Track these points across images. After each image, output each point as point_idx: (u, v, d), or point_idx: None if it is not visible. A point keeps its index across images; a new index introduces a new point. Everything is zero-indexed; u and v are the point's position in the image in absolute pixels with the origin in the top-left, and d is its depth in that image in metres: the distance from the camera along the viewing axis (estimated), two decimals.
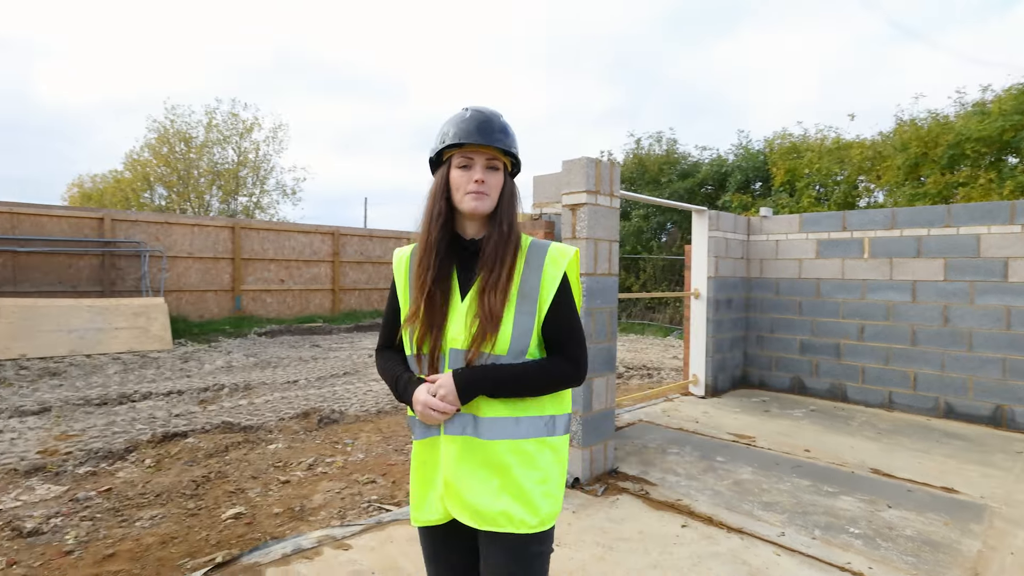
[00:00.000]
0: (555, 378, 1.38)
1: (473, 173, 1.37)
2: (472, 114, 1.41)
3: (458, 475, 1.36)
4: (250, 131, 25.28)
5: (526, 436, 1.38)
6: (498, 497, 1.34)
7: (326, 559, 2.69)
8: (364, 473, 4.32)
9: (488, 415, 1.36)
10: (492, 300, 1.33)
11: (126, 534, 3.30)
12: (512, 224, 1.41)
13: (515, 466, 1.35)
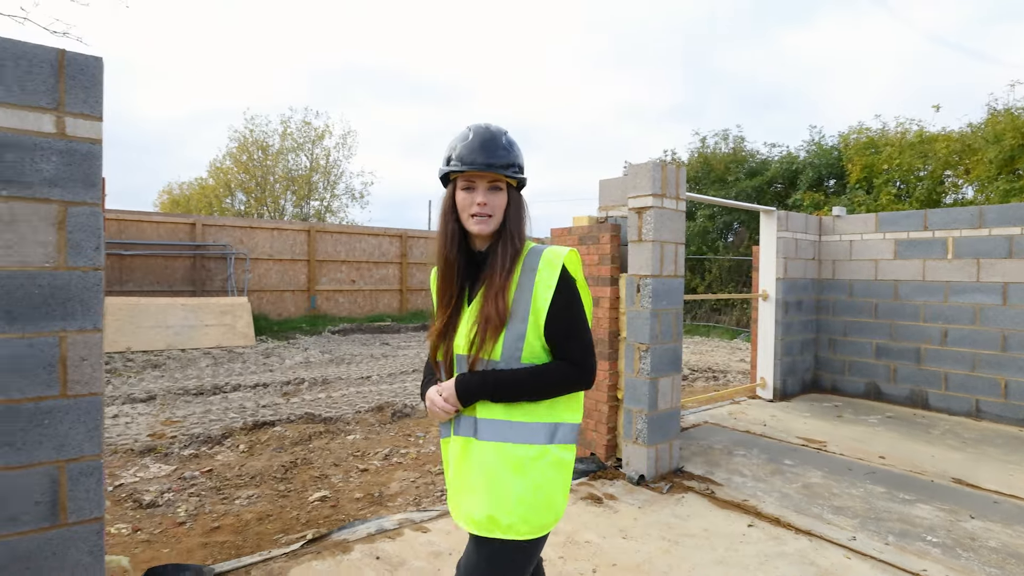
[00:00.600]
0: (555, 381, 1.36)
1: (476, 196, 1.40)
2: (474, 135, 1.42)
3: (458, 476, 1.41)
4: (321, 138, 26.53)
5: (522, 441, 1.36)
6: (486, 501, 1.34)
7: (407, 539, 2.91)
8: (436, 464, 4.55)
9: (486, 417, 1.37)
10: (489, 308, 1.35)
11: (228, 510, 3.66)
12: (520, 236, 1.44)
13: (505, 471, 1.34)
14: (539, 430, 1.37)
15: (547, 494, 1.36)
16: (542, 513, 1.35)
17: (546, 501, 1.36)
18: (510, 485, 1.33)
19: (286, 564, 2.63)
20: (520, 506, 1.33)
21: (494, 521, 1.33)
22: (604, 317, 4.16)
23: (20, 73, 1.87)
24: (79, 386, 1.98)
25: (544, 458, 1.36)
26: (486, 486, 1.35)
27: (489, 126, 1.46)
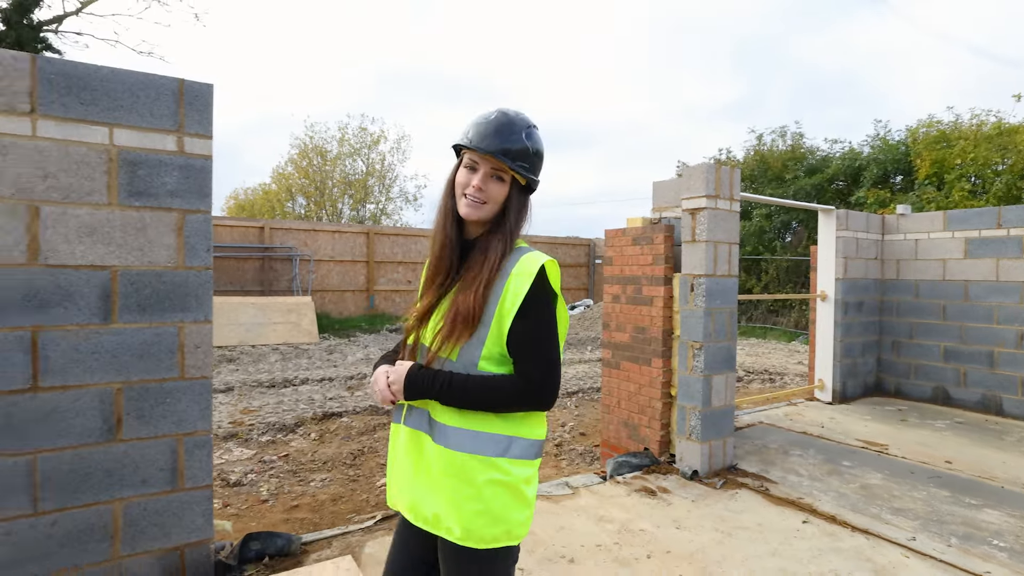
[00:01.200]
0: (506, 397, 1.26)
1: (475, 178, 1.31)
2: (496, 117, 1.34)
3: (405, 467, 1.36)
4: (377, 143, 27.41)
5: (472, 452, 1.27)
6: (432, 499, 1.29)
7: None
8: None
9: (441, 420, 1.30)
10: (461, 303, 1.27)
11: (304, 491, 3.97)
12: (515, 237, 1.35)
13: (450, 477, 1.27)
14: (490, 442, 1.28)
15: (492, 508, 1.26)
16: (488, 526, 1.26)
17: (492, 515, 1.26)
18: (455, 491, 1.26)
19: (362, 538, 2.87)
20: (462, 514, 1.26)
21: (439, 520, 1.28)
22: (658, 316, 4.25)
23: (150, 101, 2.18)
24: (194, 370, 2.27)
25: (492, 471, 1.27)
26: (431, 486, 1.29)
27: (516, 114, 1.36)
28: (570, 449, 5.12)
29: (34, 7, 11.18)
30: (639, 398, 4.42)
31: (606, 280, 4.83)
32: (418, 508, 1.31)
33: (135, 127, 2.16)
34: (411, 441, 1.35)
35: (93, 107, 2.10)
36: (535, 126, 1.39)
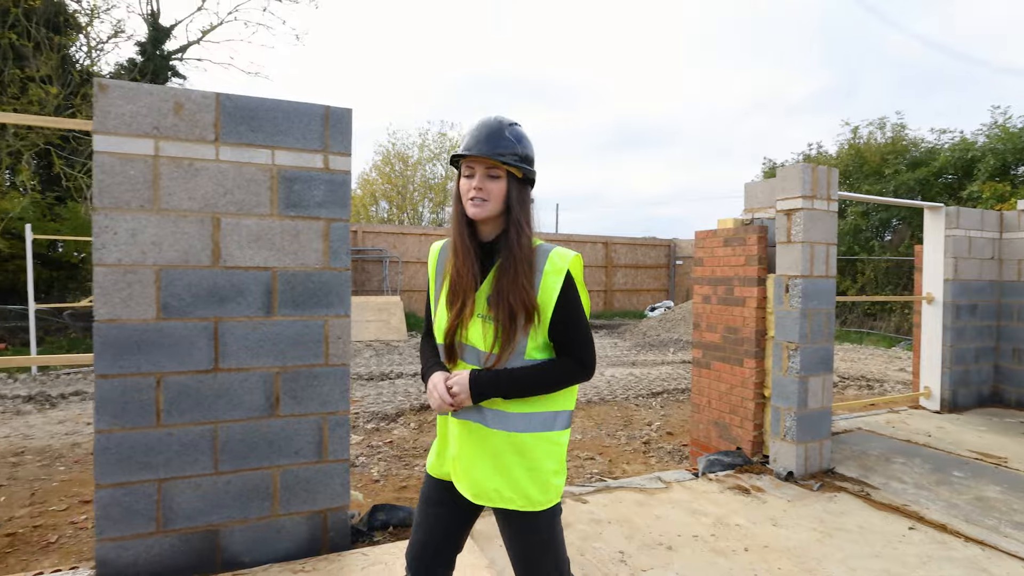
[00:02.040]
0: (565, 378, 1.44)
1: (473, 181, 1.45)
2: (478, 125, 1.49)
3: (462, 454, 1.49)
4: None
5: (525, 430, 1.44)
6: (491, 477, 1.44)
7: (569, 507, 3.30)
8: (582, 451, 4.93)
9: (493, 408, 1.45)
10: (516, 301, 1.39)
11: (410, 474, 4.32)
12: (527, 224, 1.47)
13: (508, 454, 1.44)
14: (540, 420, 1.46)
15: (544, 475, 1.45)
16: (540, 490, 1.45)
17: (543, 480, 1.45)
18: (514, 467, 1.43)
19: None
20: (522, 485, 1.43)
21: (500, 495, 1.44)
22: (751, 316, 4.26)
23: (303, 126, 2.54)
24: (335, 357, 2.62)
25: (542, 443, 1.46)
26: (493, 466, 1.44)
27: (497, 117, 1.50)
28: (658, 447, 5.19)
29: (165, 39, 12.56)
30: (730, 398, 4.44)
31: (696, 281, 4.88)
32: (479, 487, 1.46)
33: (291, 148, 2.53)
34: (463, 430, 1.48)
35: (260, 133, 2.48)
36: (516, 123, 1.52)
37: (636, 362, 9.90)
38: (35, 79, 10.10)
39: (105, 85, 2.30)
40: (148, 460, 2.36)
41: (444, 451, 1.59)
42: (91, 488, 4.05)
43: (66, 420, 5.78)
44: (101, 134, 2.28)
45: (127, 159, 2.32)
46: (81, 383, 7.56)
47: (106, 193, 2.29)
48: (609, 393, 7.25)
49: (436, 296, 1.57)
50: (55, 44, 10.65)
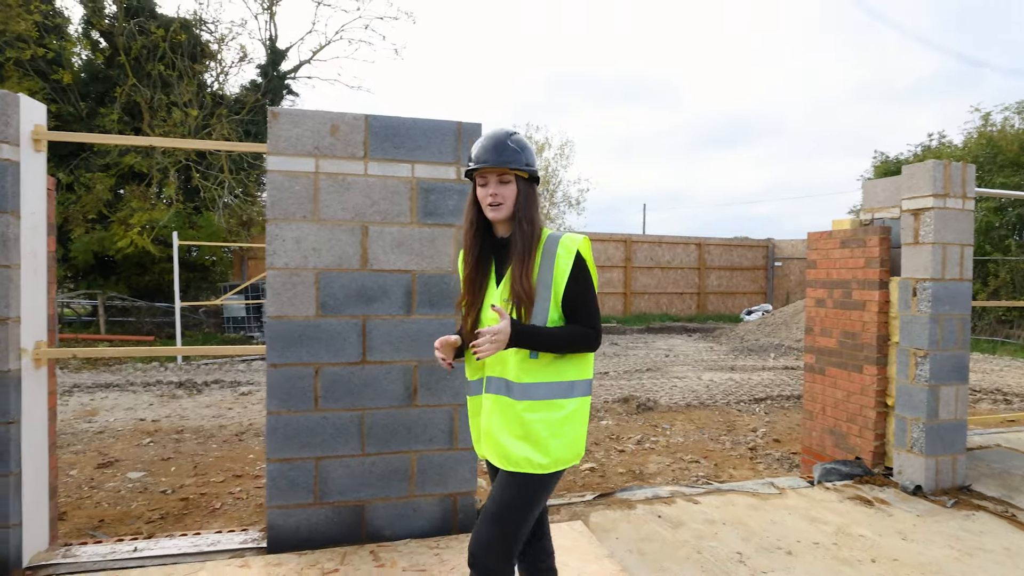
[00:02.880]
0: (577, 339, 1.64)
1: (489, 188, 1.66)
2: (484, 140, 1.70)
3: (492, 425, 1.68)
4: (541, 151, 28.43)
5: (546, 397, 1.64)
6: (520, 446, 1.61)
7: (680, 507, 3.34)
8: (687, 453, 4.91)
9: (519, 380, 1.64)
10: (517, 288, 1.62)
11: None
12: (531, 220, 1.67)
13: (534, 421, 1.61)
14: (560, 388, 1.66)
15: (570, 437, 1.65)
16: (566, 451, 1.64)
17: (569, 442, 1.65)
18: (541, 432, 1.61)
19: (584, 509, 3.26)
20: (549, 447, 1.61)
21: (530, 461, 1.60)
22: (871, 321, 4.07)
23: (438, 141, 2.78)
24: None
25: (565, 408, 1.65)
26: (523, 434, 1.61)
27: (500, 130, 1.72)
28: (765, 454, 5.06)
29: (281, 60, 13.73)
30: (847, 406, 4.26)
31: (809, 283, 4.72)
32: (509, 456, 1.63)
33: (428, 162, 2.78)
34: (496, 405, 1.68)
35: (402, 149, 2.75)
36: (516, 132, 1.73)
37: (735, 367, 9.60)
38: (178, 104, 11.41)
39: (276, 112, 2.65)
40: (308, 440, 2.69)
41: (477, 430, 1.80)
42: (241, 464, 4.59)
43: (211, 404, 6.53)
44: (273, 155, 2.64)
45: (293, 176, 2.66)
46: (218, 372, 8.46)
47: (276, 206, 2.64)
48: (708, 398, 7.11)
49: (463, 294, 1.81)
50: (194, 71, 11.96)
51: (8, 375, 2.47)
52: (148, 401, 6.65)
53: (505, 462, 1.64)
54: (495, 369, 1.69)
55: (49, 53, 10.89)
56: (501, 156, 1.65)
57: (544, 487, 1.66)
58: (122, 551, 2.72)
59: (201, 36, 12.65)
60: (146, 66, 11.52)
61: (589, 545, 2.82)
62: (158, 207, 11.09)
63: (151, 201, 11.16)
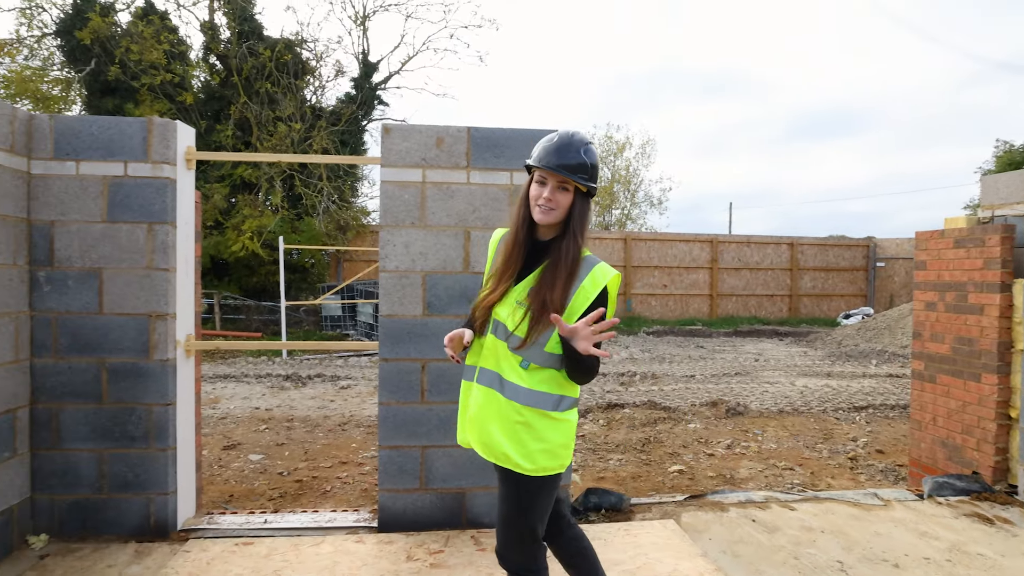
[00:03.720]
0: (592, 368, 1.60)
1: (545, 191, 1.61)
2: (557, 139, 1.64)
3: (479, 416, 1.68)
4: (622, 150, 28.08)
5: (534, 406, 1.62)
6: (503, 441, 1.62)
7: (775, 512, 3.29)
8: (780, 460, 4.77)
9: (511, 380, 1.63)
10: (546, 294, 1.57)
11: (605, 467, 4.57)
12: (581, 236, 1.64)
13: (519, 425, 1.62)
14: (548, 399, 1.64)
15: (551, 446, 1.64)
16: (547, 459, 1.63)
17: (550, 451, 1.64)
18: (523, 435, 1.62)
19: (676, 509, 3.29)
20: (532, 451, 1.62)
21: (508, 458, 1.62)
22: (991, 326, 3.79)
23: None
24: None
25: (549, 419, 1.64)
26: (506, 432, 1.63)
27: (574, 134, 1.66)
28: (867, 465, 4.82)
29: (373, 73, 14.52)
30: (963, 417, 3.99)
31: (917, 286, 4.45)
32: (492, 447, 1.65)
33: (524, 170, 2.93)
34: (484, 396, 1.68)
35: (501, 158, 2.91)
36: (590, 143, 1.66)
37: (832, 373, 9.10)
38: (283, 118, 12.37)
39: (388, 128, 2.90)
40: (415, 430, 2.91)
41: (463, 417, 1.78)
42: (346, 452, 4.96)
43: (316, 396, 7.07)
44: (385, 167, 2.88)
45: (402, 186, 2.90)
46: (319, 367, 9.11)
47: (388, 214, 2.89)
48: (803, 404, 6.82)
49: (488, 276, 1.78)
50: (296, 87, 12.92)
51: (167, 363, 2.87)
52: (261, 392, 7.30)
53: (488, 452, 1.67)
54: (489, 362, 1.69)
55: (175, 78, 12.14)
56: (567, 163, 1.60)
57: (539, 488, 1.66)
58: (255, 522, 3.07)
59: (302, 54, 13.62)
60: (255, 84, 12.57)
61: (682, 543, 2.85)
62: (265, 214, 12.07)
63: (260, 208, 12.17)
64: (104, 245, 2.83)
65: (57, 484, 2.83)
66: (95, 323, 2.83)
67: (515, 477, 1.66)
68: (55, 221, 2.81)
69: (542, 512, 1.69)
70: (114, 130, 2.83)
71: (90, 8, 11.73)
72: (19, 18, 12.20)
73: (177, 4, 13.26)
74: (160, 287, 2.85)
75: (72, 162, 2.81)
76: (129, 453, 2.85)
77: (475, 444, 1.72)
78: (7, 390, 2.66)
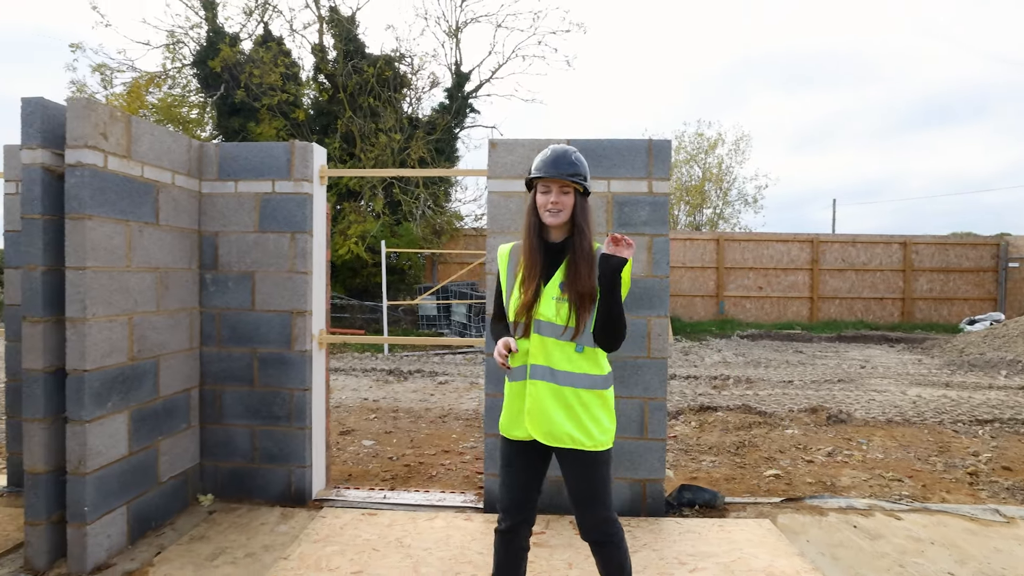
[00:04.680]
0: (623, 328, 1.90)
1: (551, 196, 1.91)
2: (551, 153, 1.95)
3: (536, 408, 1.90)
4: (713, 147, 27.10)
5: (589, 387, 1.91)
6: (564, 424, 1.88)
7: (879, 520, 3.22)
8: (887, 471, 4.57)
9: (564, 369, 1.90)
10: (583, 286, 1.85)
11: (698, 467, 4.61)
12: (589, 228, 1.93)
13: (576, 406, 1.89)
14: (599, 379, 1.93)
15: (603, 422, 1.92)
16: (602, 432, 1.91)
17: (603, 426, 1.92)
18: (582, 416, 1.89)
19: (772, 510, 3.31)
20: (589, 429, 1.89)
21: (573, 439, 1.88)
22: None
23: (631, 158, 3.08)
24: (656, 351, 3.09)
25: (601, 398, 1.93)
26: (567, 416, 1.89)
27: (565, 147, 1.98)
28: (991, 482, 4.51)
29: (465, 82, 15.12)
30: None
31: None
32: (555, 434, 1.89)
33: (622, 178, 3.10)
34: (540, 389, 1.91)
35: (599, 168, 3.10)
36: (575, 150, 1.98)
37: (950, 383, 8.41)
38: (384, 130, 13.21)
39: (495, 143, 3.17)
40: None
41: (518, 417, 1.97)
42: (447, 441, 5.33)
43: (417, 390, 7.56)
44: (492, 178, 3.16)
45: (507, 196, 3.16)
46: (417, 363, 9.68)
47: (494, 221, 3.16)
48: (915, 414, 6.40)
49: (509, 287, 2.03)
50: (395, 100, 13.74)
51: (305, 354, 3.31)
52: (368, 384, 7.91)
53: (552, 439, 1.90)
54: (539, 358, 1.92)
55: (289, 97, 13.31)
56: (565, 170, 1.92)
57: (604, 461, 1.95)
58: (375, 497, 3.45)
59: (400, 69, 14.44)
60: (358, 99, 13.50)
61: (778, 542, 2.90)
62: (368, 219, 12.94)
63: (363, 215, 13.06)
64: (256, 252, 3.31)
65: (220, 453, 3.35)
66: (248, 318, 3.33)
67: (580, 456, 1.91)
68: (219, 232, 3.33)
69: (608, 482, 1.97)
70: (264, 153, 3.31)
71: (221, 40, 13.15)
72: (165, 53, 13.95)
73: (291, 29, 14.51)
74: (300, 288, 3.30)
75: (232, 182, 3.32)
76: (275, 430, 3.32)
77: (536, 434, 1.92)
78: (184, 373, 3.21)
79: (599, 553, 1.96)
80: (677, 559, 2.72)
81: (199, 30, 13.97)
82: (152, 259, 2.93)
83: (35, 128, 2.53)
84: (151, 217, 2.92)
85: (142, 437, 2.88)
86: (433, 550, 2.79)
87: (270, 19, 14.34)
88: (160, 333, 3.00)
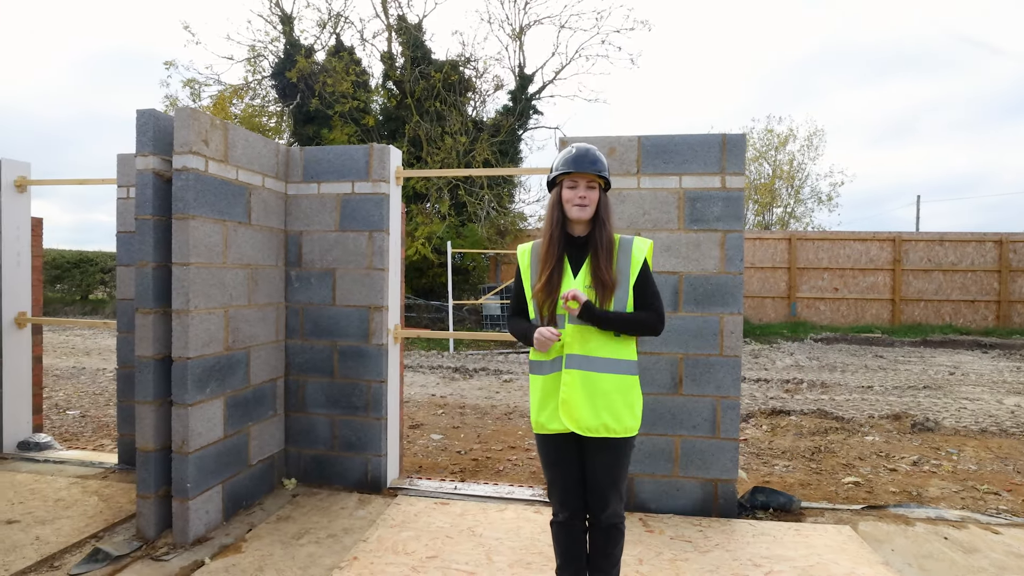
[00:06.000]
0: (646, 323, 1.99)
1: (578, 191, 1.99)
2: (575, 150, 2.02)
3: (571, 398, 1.95)
4: (784, 144, 25.93)
5: (625, 372, 1.99)
6: (599, 414, 1.94)
7: (974, 533, 3.03)
8: (981, 483, 4.28)
9: (601, 356, 1.96)
10: (603, 276, 1.95)
11: (771, 472, 4.46)
12: (610, 223, 2.03)
13: (613, 392, 1.96)
14: (632, 365, 2.02)
15: (635, 406, 2.01)
16: (633, 417, 2.00)
17: (635, 410, 2.01)
18: (617, 403, 1.96)
19: (852, 518, 3.17)
20: (622, 416, 1.97)
21: (608, 427, 1.94)
22: None
23: (703, 153, 3.04)
24: (729, 349, 3.04)
25: (633, 383, 2.02)
26: (603, 404, 1.95)
27: (589, 145, 2.07)
28: None
29: (528, 84, 15.24)
30: None
31: None
32: (589, 423, 1.95)
33: (694, 174, 3.06)
34: (577, 378, 1.96)
35: (670, 164, 3.08)
36: (597, 149, 2.06)
37: None
38: (449, 133, 13.53)
39: (566, 141, 3.20)
40: None
41: (553, 411, 2.01)
42: (513, 438, 5.41)
43: (482, 388, 7.70)
44: None
45: None
46: (482, 362, 9.85)
47: None
48: (1013, 425, 5.93)
49: (533, 284, 2.06)
50: (460, 103, 14.03)
51: (382, 347, 3.46)
52: (435, 381, 8.13)
53: (587, 428, 1.95)
54: (574, 348, 1.97)
55: (360, 104, 13.86)
56: (590, 166, 2.01)
57: (633, 447, 2.05)
58: (447, 487, 3.57)
59: (465, 73, 14.73)
60: (425, 104, 13.88)
61: (860, 549, 2.78)
62: (435, 221, 13.28)
63: (430, 216, 13.41)
64: (336, 250, 3.50)
65: (303, 440, 3.56)
66: (329, 313, 3.52)
67: (613, 443, 1.98)
68: (303, 231, 3.54)
69: (628, 469, 2.07)
70: (345, 156, 3.49)
71: (297, 52, 13.87)
72: (246, 67, 14.87)
73: (361, 39, 15.13)
74: (377, 284, 3.45)
75: (315, 184, 3.52)
76: (353, 420, 3.49)
77: (572, 424, 1.96)
78: (271, 363, 3.43)
79: (608, 538, 2.05)
80: (751, 560, 2.67)
81: (277, 44, 14.80)
82: (244, 256, 3.16)
83: (148, 137, 2.79)
84: (244, 217, 3.15)
85: (235, 422, 3.11)
86: (504, 540, 2.86)
87: (342, 30, 14.99)
88: (251, 325, 3.22)
